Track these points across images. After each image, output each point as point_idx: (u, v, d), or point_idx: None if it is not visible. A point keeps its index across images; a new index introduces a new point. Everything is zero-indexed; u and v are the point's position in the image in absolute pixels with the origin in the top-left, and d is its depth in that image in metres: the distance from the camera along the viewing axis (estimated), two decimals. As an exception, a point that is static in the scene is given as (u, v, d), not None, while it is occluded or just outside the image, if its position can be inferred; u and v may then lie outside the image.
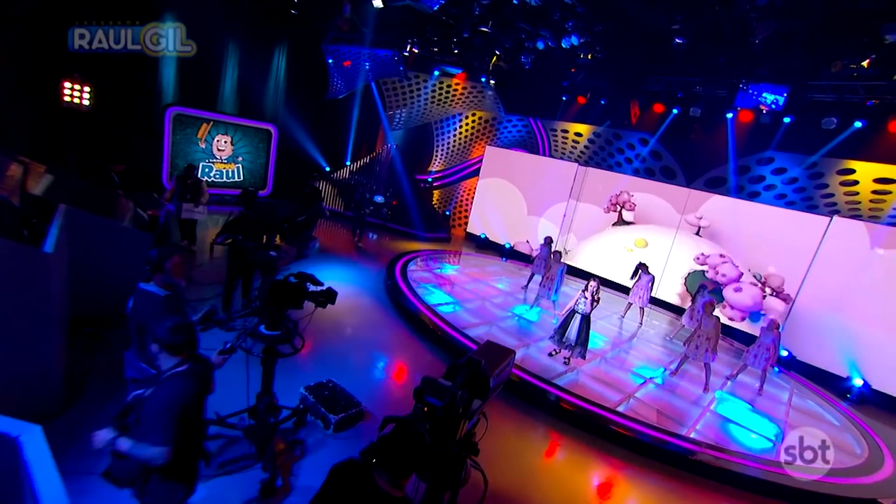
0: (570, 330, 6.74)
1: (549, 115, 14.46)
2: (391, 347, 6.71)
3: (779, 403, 7.51)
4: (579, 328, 6.66)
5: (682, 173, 11.82)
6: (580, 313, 6.68)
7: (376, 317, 7.60)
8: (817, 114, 9.47)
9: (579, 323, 6.67)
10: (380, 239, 13.93)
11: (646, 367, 7.59)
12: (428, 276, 10.17)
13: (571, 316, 6.76)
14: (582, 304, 6.67)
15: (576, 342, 6.70)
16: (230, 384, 3.60)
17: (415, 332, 7.23)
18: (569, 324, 6.78)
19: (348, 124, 15.50)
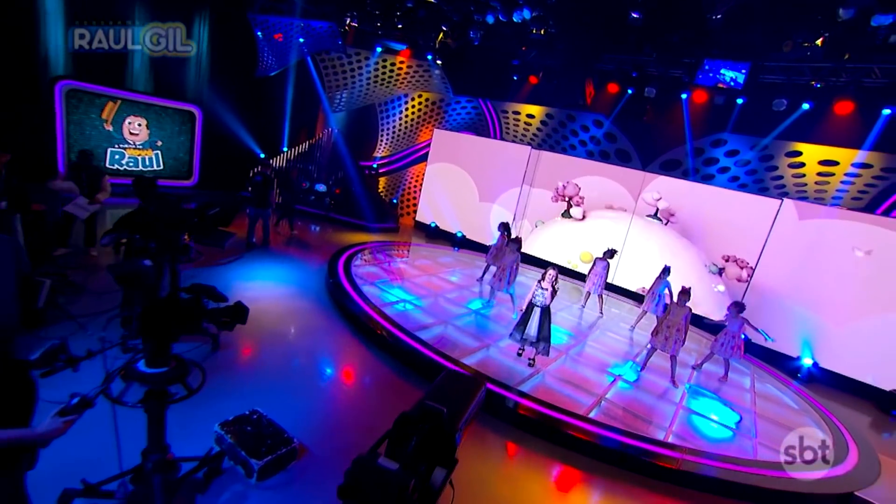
0: (531, 325, 6.21)
1: (500, 96, 13.84)
2: (334, 360, 5.84)
3: (743, 391, 7.38)
4: (540, 322, 6.15)
5: (637, 156, 11.59)
6: (539, 306, 6.17)
7: (316, 323, 6.68)
8: (769, 95, 9.41)
9: (539, 317, 6.16)
10: (322, 231, 12.84)
11: (614, 363, 7.20)
12: (375, 272, 9.31)
13: (530, 310, 6.23)
14: (540, 297, 6.15)
15: (537, 338, 6.19)
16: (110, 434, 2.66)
17: (362, 338, 6.39)
18: (528, 319, 6.24)
19: (283, 106, 14.12)
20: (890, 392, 8.38)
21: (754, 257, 9.59)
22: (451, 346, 6.44)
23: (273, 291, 7.43)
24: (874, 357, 8.52)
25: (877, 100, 8.56)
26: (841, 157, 9.12)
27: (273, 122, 14.50)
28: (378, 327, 6.35)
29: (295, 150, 16.06)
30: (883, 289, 8.35)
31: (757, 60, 8.84)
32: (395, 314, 7.12)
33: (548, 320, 6.19)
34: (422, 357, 5.76)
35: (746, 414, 6.41)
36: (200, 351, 4.78)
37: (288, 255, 9.70)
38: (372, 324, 6.43)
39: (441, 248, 13.13)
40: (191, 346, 4.53)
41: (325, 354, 5.84)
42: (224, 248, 5.11)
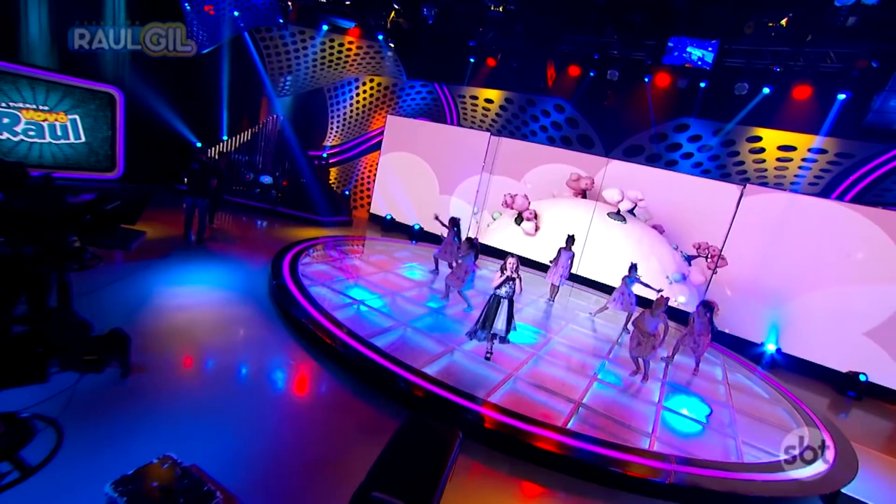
0: (499, 320, 5.80)
1: (457, 80, 13.17)
2: (276, 378, 5.02)
3: (716, 383, 7.16)
4: (508, 315, 5.80)
5: (600, 142, 11.27)
6: (505, 298, 5.76)
7: (256, 333, 5.81)
8: (731, 79, 9.26)
9: (507, 309, 5.79)
10: (269, 227, 11.76)
11: (599, 365, 6.77)
12: (325, 270, 8.46)
13: (496, 304, 5.78)
14: (507, 289, 5.73)
15: (506, 332, 5.87)
16: None
17: (309, 348, 5.59)
18: (495, 314, 5.80)
19: (219, 89, 12.80)
20: (846, 374, 8.49)
21: (718, 244, 9.49)
22: (411, 353, 5.77)
23: (206, 297, 6.47)
24: (831, 340, 8.61)
25: (832, 85, 8.56)
26: (798, 142, 9.12)
27: (209, 107, 13.17)
28: (327, 335, 5.57)
29: (236, 138, 14.74)
30: (839, 273, 8.42)
31: (723, 40, 8.62)
32: (348, 318, 6.36)
33: (510, 312, 5.86)
34: (378, 368, 5.05)
35: (724, 409, 6.14)
36: (93, 381, 3.83)
37: (227, 253, 8.67)
38: (320, 331, 5.64)
39: (397, 241, 12.38)
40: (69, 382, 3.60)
41: (266, 372, 5.01)
42: (130, 249, 4.16)
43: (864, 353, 8.32)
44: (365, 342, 5.51)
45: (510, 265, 5.70)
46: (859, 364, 8.33)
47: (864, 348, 8.33)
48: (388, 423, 4.40)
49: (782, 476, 4.59)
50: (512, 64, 11.79)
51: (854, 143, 8.66)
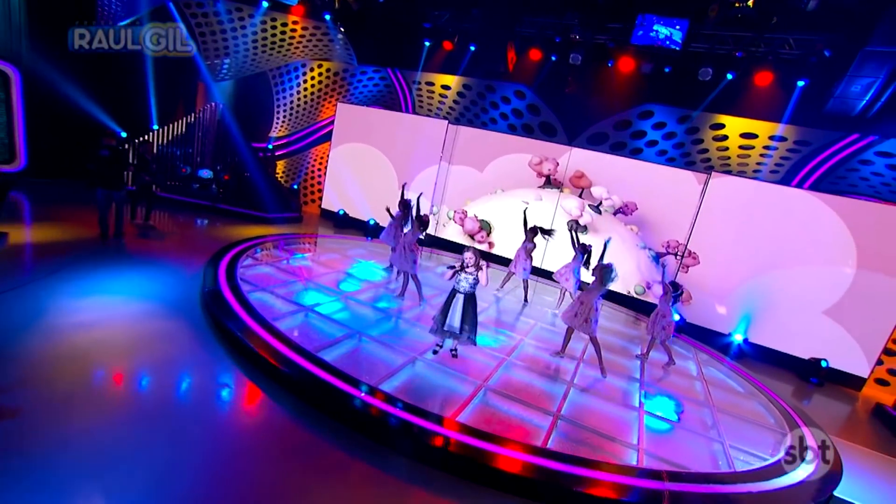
0: (452, 315, 5.35)
1: (411, 65, 12.40)
2: (204, 409, 4.16)
3: (691, 379, 6.89)
4: (463, 310, 5.33)
5: (562, 129, 10.86)
6: (462, 293, 5.33)
7: (181, 354, 4.89)
8: (695, 64, 9.04)
9: (462, 304, 5.32)
10: (210, 226, 10.61)
11: (560, 363, 6.28)
12: (270, 273, 7.56)
13: (452, 297, 5.36)
14: (464, 282, 5.29)
15: (460, 328, 5.35)
16: None
17: (247, 368, 4.75)
18: (449, 308, 5.37)
19: (144, 70, 11.41)
20: (808, 360, 8.53)
21: (684, 233, 9.31)
22: (367, 367, 5.06)
23: (120, 311, 5.46)
24: (793, 328, 8.61)
25: (792, 72, 8.49)
26: (760, 129, 9.05)
27: (134, 91, 11.73)
28: (267, 350, 4.75)
29: (170, 128, 13.33)
30: (800, 260, 8.40)
31: (690, 22, 8.34)
32: (294, 329, 5.56)
33: (472, 308, 5.39)
34: (329, 389, 4.31)
35: (704, 409, 5.82)
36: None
37: (153, 257, 7.57)
38: (259, 346, 4.82)
39: (351, 238, 11.53)
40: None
41: (189, 403, 4.15)
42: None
43: (824, 338, 8.36)
44: (312, 357, 4.74)
45: (467, 259, 5.23)
46: (821, 350, 8.37)
47: (824, 333, 8.37)
48: (343, 459, 3.70)
49: (779, 484, 4.25)
50: (470, 47, 11.16)
51: (812, 130, 8.67)
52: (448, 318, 5.36)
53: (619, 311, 9.63)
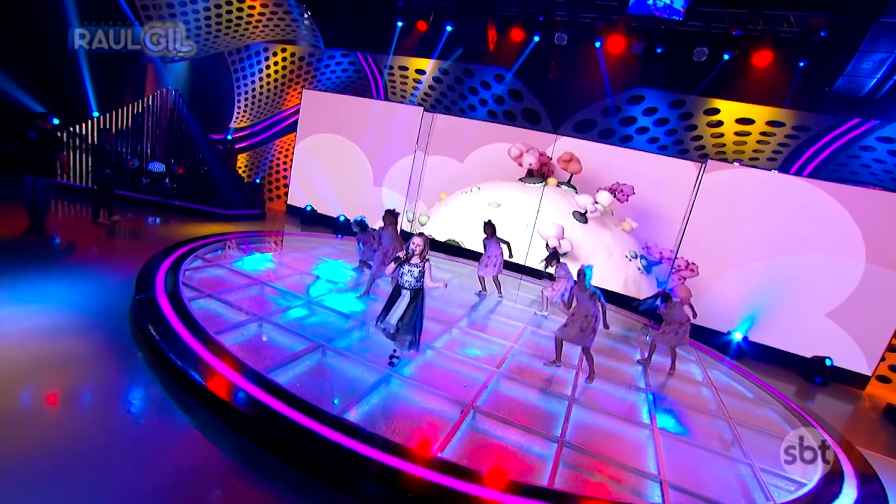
0: (393, 312, 4.58)
1: (382, 48, 11.49)
2: (123, 455, 3.20)
3: (698, 385, 6.24)
4: (405, 310, 4.55)
5: (547, 116, 10.14)
6: (408, 288, 4.55)
7: (95, 379, 3.91)
8: (689, 45, 8.44)
9: (406, 303, 4.54)
10: (163, 224, 9.47)
11: (555, 373, 5.53)
12: (221, 276, 6.57)
13: (397, 293, 4.61)
14: (408, 276, 4.50)
15: (395, 328, 4.55)
16: None
17: (181, 397, 3.81)
18: (392, 304, 4.62)
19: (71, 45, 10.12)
20: (811, 359, 8.05)
21: (677, 227, 8.73)
22: (331, 387, 4.19)
23: (23, 325, 4.42)
24: (795, 325, 8.13)
25: (793, 52, 7.95)
26: (757, 114, 8.53)
27: (66, 71, 10.44)
28: (206, 373, 3.83)
29: (114, 115, 12.04)
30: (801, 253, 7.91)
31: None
32: (243, 344, 4.65)
33: (416, 306, 4.58)
34: (282, 424, 3.42)
35: (721, 423, 5.16)
36: None
37: (85, 257, 6.47)
38: (198, 368, 3.88)
39: (319, 236, 10.57)
40: None
41: (102, 444, 3.19)
42: None
43: (827, 335, 7.89)
44: (262, 379, 3.84)
45: (413, 246, 4.44)
46: (823, 348, 7.90)
47: (827, 330, 7.91)
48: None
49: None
50: (446, 27, 10.32)
51: (813, 115, 8.20)
52: (388, 315, 4.57)
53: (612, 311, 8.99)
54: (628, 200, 9.18)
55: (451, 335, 6.14)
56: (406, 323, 4.52)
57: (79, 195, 9.89)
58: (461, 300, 7.78)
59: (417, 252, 4.43)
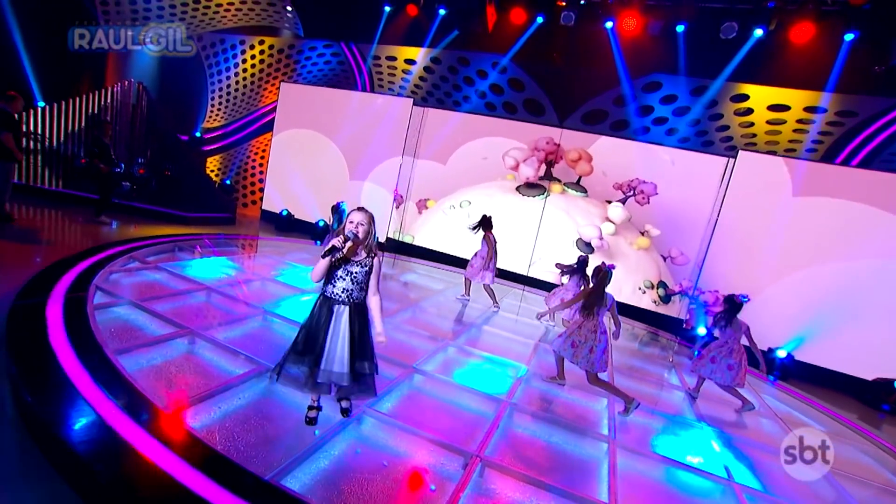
0: (332, 350, 2.75)
1: (368, 38, 10.42)
2: None
3: (759, 416, 4.97)
4: (353, 340, 2.77)
5: (552, 107, 9.06)
6: (344, 303, 2.77)
7: None
8: (713, 22, 7.45)
9: (349, 328, 2.77)
10: (124, 227, 8.06)
11: (589, 405, 4.25)
12: (159, 281, 5.24)
13: (325, 316, 2.78)
14: (347, 284, 2.76)
15: (353, 373, 2.79)
16: None
17: (37, 459, 2.46)
18: (321, 336, 2.77)
19: (3, 19, 8.87)
20: (875, 382, 6.83)
21: (702, 230, 7.61)
22: (277, 434, 2.87)
23: None
24: (850, 342, 6.93)
25: (838, 24, 6.93)
26: (792, 99, 7.50)
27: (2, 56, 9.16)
28: (76, 412, 2.49)
29: (65, 106, 10.78)
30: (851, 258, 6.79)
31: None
32: (159, 367, 3.33)
33: (367, 331, 2.84)
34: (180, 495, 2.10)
35: (822, 478, 3.88)
36: None
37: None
38: (61, 403, 2.55)
39: (297, 241, 9.27)
40: None
41: None
42: None
43: (893, 354, 6.70)
44: (167, 421, 2.51)
45: (354, 225, 2.71)
46: (888, 368, 6.69)
47: (893, 348, 6.72)
48: None
49: None
50: (438, 10, 9.28)
51: (859, 98, 7.18)
52: (324, 359, 2.73)
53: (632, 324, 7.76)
54: (649, 202, 8.06)
55: (445, 355, 4.85)
56: (363, 358, 2.81)
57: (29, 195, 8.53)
58: (455, 309, 6.54)
59: (361, 237, 2.72)
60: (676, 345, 7.31)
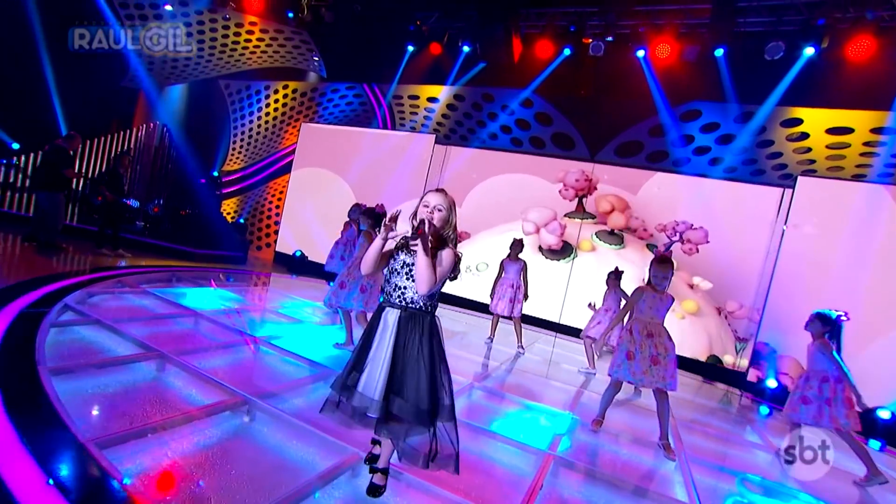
0: (374, 367, 1.87)
1: (390, 78, 10.37)
2: None
3: (861, 488, 3.86)
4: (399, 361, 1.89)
5: (582, 140, 8.58)
6: (399, 307, 1.94)
7: None
8: (754, 44, 7.02)
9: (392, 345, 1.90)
10: (123, 257, 7.61)
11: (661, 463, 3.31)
12: (147, 305, 4.63)
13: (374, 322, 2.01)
14: (405, 280, 1.94)
15: (382, 406, 1.83)
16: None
17: None
18: (367, 349, 1.93)
19: (38, 59, 9.04)
20: None
21: (757, 275, 6.77)
22: (229, 495, 2.08)
23: None
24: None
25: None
26: (855, 121, 6.84)
27: (32, 91, 9.28)
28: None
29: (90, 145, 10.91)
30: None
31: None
32: (110, 395, 2.64)
33: (431, 352, 1.90)
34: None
35: None
36: None
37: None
38: None
39: (310, 280, 8.69)
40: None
41: None
42: None
43: None
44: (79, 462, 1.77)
45: (429, 211, 1.98)
46: None
47: None
48: None
49: None
50: (462, 47, 9.18)
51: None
52: (363, 380, 1.88)
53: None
54: (698, 251, 7.28)
55: (469, 399, 4.00)
56: (412, 394, 1.85)
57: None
58: (477, 346, 5.73)
59: (437, 224, 1.96)
60: (742, 397, 6.23)
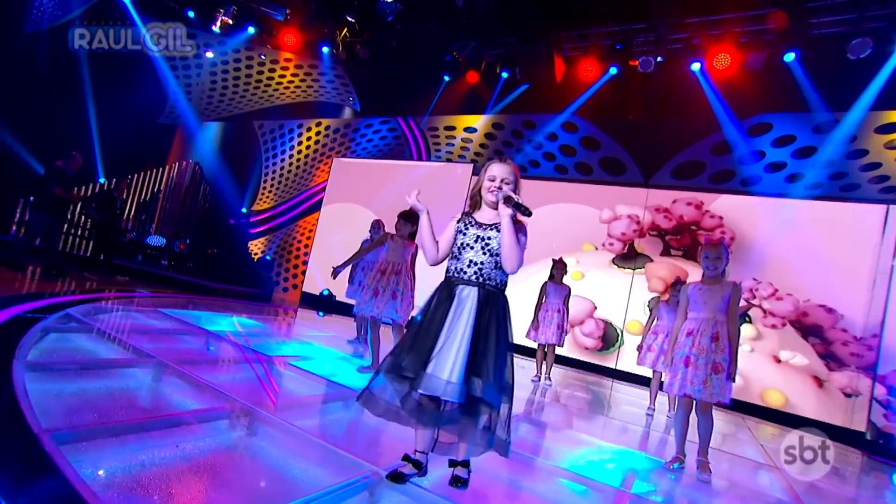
0: (443, 350, 1.76)
1: (423, 108, 10.52)
2: None
3: None
4: (477, 337, 1.82)
5: (633, 164, 8.21)
6: (475, 284, 1.91)
7: None
8: (829, 47, 6.65)
9: (470, 327, 1.81)
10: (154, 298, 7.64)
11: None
12: (157, 324, 4.44)
13: (444, 301, 1.89)
14: (480, 255, 1.95)
15: (463, 391, 1.74)
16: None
17: None
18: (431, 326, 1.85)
19: (83, 96, 9.66)
20: None
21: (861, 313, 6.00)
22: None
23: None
24: None
25: None
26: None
27: (72, 125, 9.86)
28: None
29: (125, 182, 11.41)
30: None
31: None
32: (88, 399, 2.36)
33: (498, 335, 1.82)
34: None
35: None
36: None
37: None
38: None
39: (341, 319, 8.41)
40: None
41: None
42: None
43: None
44: None
45: (493, 185, 2.01)
46: None
47: None
48: None
49: None
50: (501, 74, 9.24)
51: None
52: (433, 362, 1.75)
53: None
54: (784, 326, 6.61)
55: (515, 434, 3.46)
56: (488, 376, 1.76)
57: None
58: (526, 386, 5.19)
59: (511, 192, 1.93)
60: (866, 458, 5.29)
